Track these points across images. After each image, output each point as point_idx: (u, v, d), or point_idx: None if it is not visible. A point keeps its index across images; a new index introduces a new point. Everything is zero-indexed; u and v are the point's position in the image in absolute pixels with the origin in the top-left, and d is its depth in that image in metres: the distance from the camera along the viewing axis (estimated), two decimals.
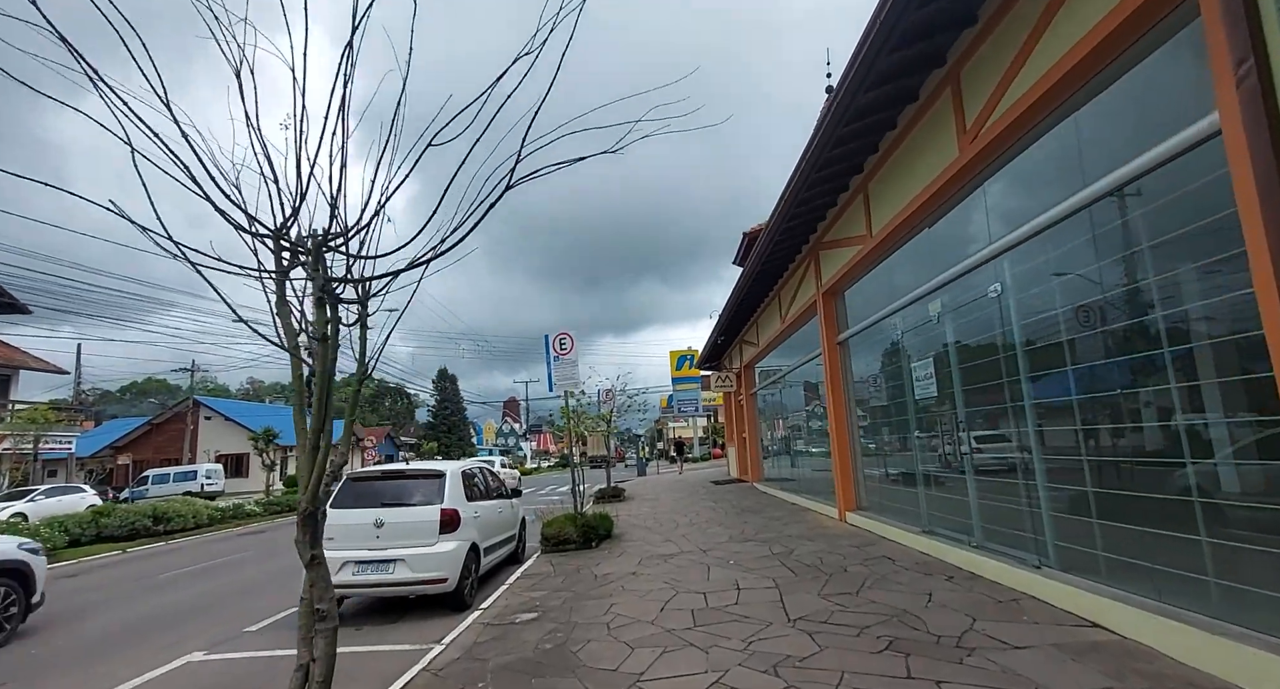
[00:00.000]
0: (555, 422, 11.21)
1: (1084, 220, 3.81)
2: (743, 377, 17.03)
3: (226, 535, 13.84)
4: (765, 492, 13.87)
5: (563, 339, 9.80)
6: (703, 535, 8.29)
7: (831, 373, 8.62)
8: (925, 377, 5.85)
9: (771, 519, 9.31)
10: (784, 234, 8.24)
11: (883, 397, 7.18)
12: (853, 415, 8.41)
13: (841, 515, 8.33)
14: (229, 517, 15.84)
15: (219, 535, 13.88)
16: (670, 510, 11.78)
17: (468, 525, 6.02)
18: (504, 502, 7.51)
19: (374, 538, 5.63)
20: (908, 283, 6.30)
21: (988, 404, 5.04)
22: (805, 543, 6.97)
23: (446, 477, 6.07)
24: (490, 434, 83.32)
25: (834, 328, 8.74)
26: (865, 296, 7.81)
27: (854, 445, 8.35)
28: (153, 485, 34.25)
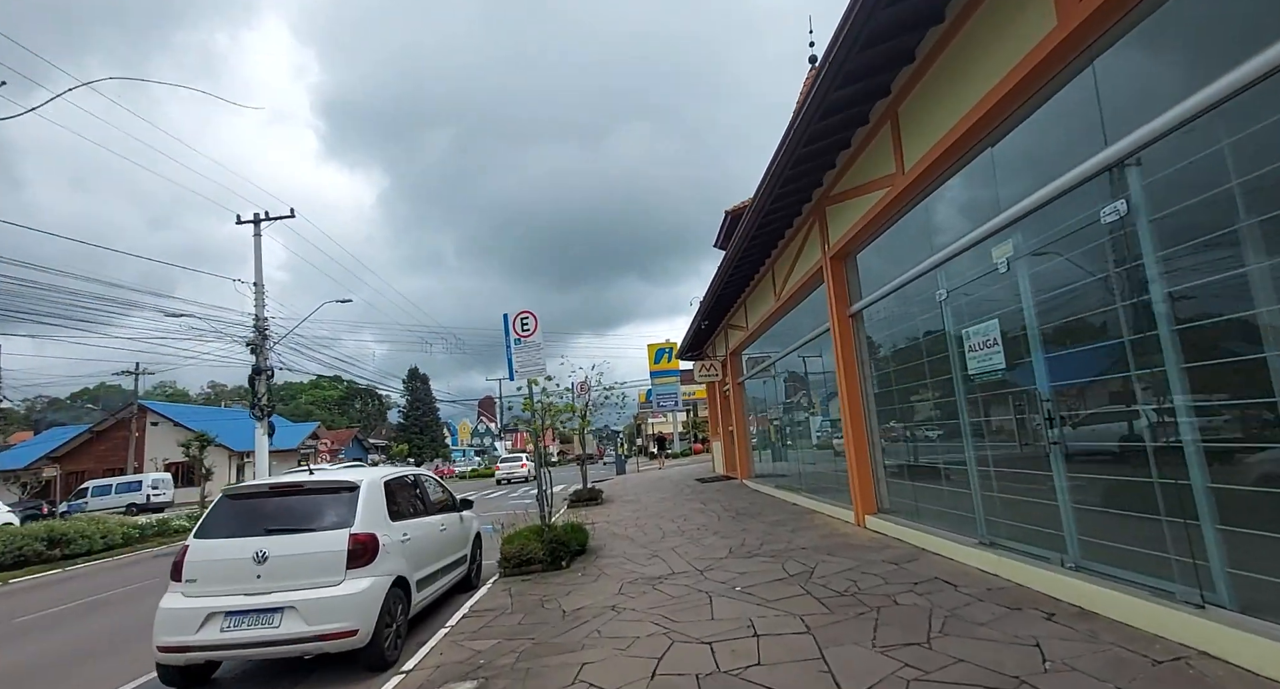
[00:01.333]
0: (521, 416, 9.85)
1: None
2: (729, 365, 15.72)
3: (139, 558, 11.96)
4: (758, 490, 12.58)
5: (524, 319, 8.28)
6: (696, 548, 6.90)
7: (843, 351, 7.29)
8: (984, 344, 4.52)
9: (774, 524, 7.97)
10: (788, 183, 6.85)
11: (915, 374, 5.87)
12: (870, 399, 7.10)
13: (859, 519, 7.02)
14: (152, 533, 13.90)
15: (131, 558, 11.99)
16: (655, 514, 10.37)
17: (391, 554, 4.51)
18: (448, 516, 5.99)
19: (253, 578, 4.07)
20: (955, 227, 4.97)
21: (1091, 373, 3.73)
22: (826, 558, 5.62)
23: (361, 490, 4.53)
24: (465, 434, 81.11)
25: (844, 297, 7.41)
26: (887, 256, 6.48)
27: (873, 435, 7.04)
28: (93, 498, 31.62)
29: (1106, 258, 3.44)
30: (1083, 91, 3.55)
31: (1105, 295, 3.48)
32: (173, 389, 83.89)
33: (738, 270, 10.59)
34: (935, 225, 5.34)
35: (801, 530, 7.27)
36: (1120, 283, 3.35)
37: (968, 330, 4.75)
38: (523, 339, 8.24)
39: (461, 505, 6.46)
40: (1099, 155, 3.37)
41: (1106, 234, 3.40)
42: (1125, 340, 3.32)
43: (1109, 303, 3.45)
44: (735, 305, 13.74)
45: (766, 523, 8.15)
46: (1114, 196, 3.33)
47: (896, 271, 6.10)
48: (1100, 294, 3.53)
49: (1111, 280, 3.42)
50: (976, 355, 4.64)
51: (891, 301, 6.34)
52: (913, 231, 5.84)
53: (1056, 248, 3.85)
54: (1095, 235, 3.49)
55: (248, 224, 20.19)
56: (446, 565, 5.67)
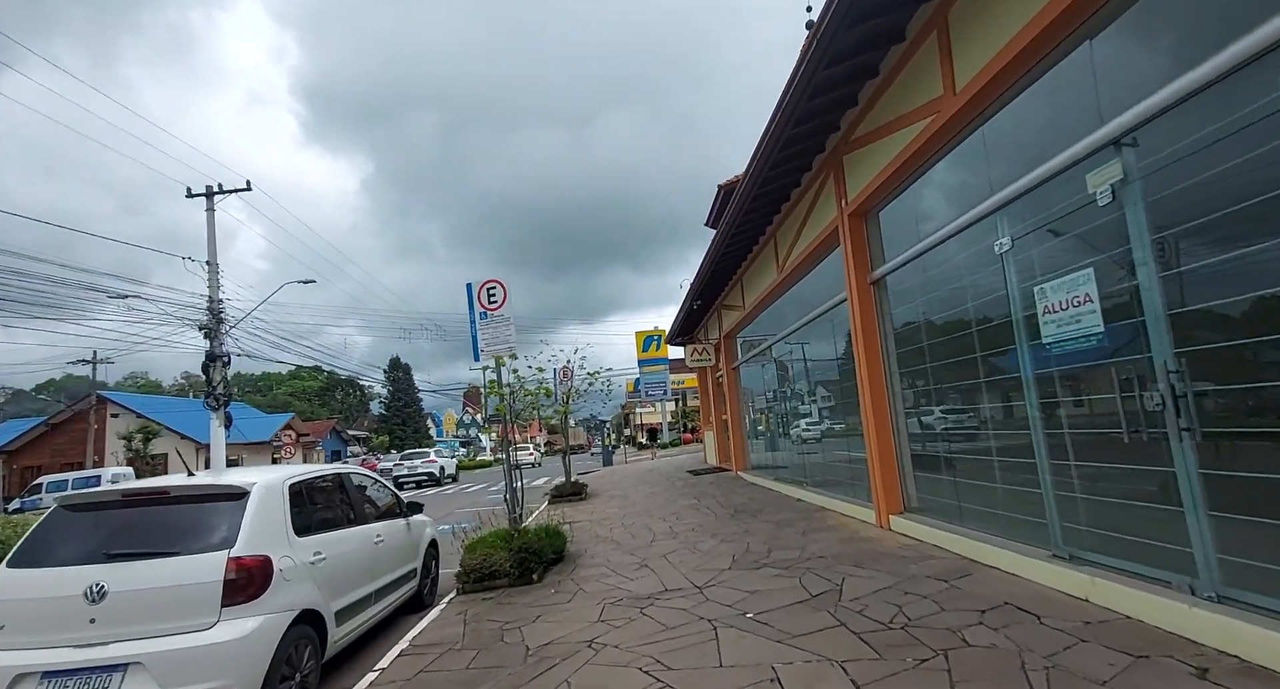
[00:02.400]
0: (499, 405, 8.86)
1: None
2: (723, 349, 14.68)
3: None
4: (756, 483, 11.60)
5: (491, 288, 7.11)
6: (692, 555, 5.86)
7: (862, 324, 6.25)
8: (1070, 302, 3.49)
9: (780, 524, 6.97)
10: (800, 124, 5.75)
11: (958, 348, 4.84)
12: (894, 379, 6.08)
13: (882, 520, 6.02)
14: None
15: None
16: (643, 512, 9.33)
17: (294, 582, 3.38)
18: (389, 525, 4.86)
19: (85, 623, 2.93)
20: (1028, 154, 3.90)
21: (1243, 334, 2.70)
22: (853, 571, 4.60)
23: (251, 497, 3.39)
24: (450, 425, 79.77)
25: (864, 263, 6.35)
26: (921, 208, 5.42)
27: (897, 422, 6.03)
28: (48, 494, 29.72)
29: (1272, 171, 2.40)
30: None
31: (1273, 223, 2.45)
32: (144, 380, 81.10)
33: (735, 240, 9.50)
34: (996, 157, 4.27)
35: (814, 533, 6.26)
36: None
37: (1043, 287, 3.71)
38: (489, 312, 7.09)
39: (409, 509, 5.33)
40: (1259, 32, 2.30)
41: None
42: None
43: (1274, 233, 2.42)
44: (731, 283, 12.67)
45: (771, 523, 7.14)
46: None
47: (934, 225, 5.05)
48: (1274, 219, 2.49)
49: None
50: (1057, 318, 3.60)
51: (925, 263, 5.29)
52: (960, 171, 4.78)
53: (1196, 162, 2.80)
54: (1260, 135, 2.44)
55: (205, 198, 18.63)
56: (385, 586, 4.55)
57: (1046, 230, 3.76)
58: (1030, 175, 3.78)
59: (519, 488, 6.48)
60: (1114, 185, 3.18)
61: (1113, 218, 3.23)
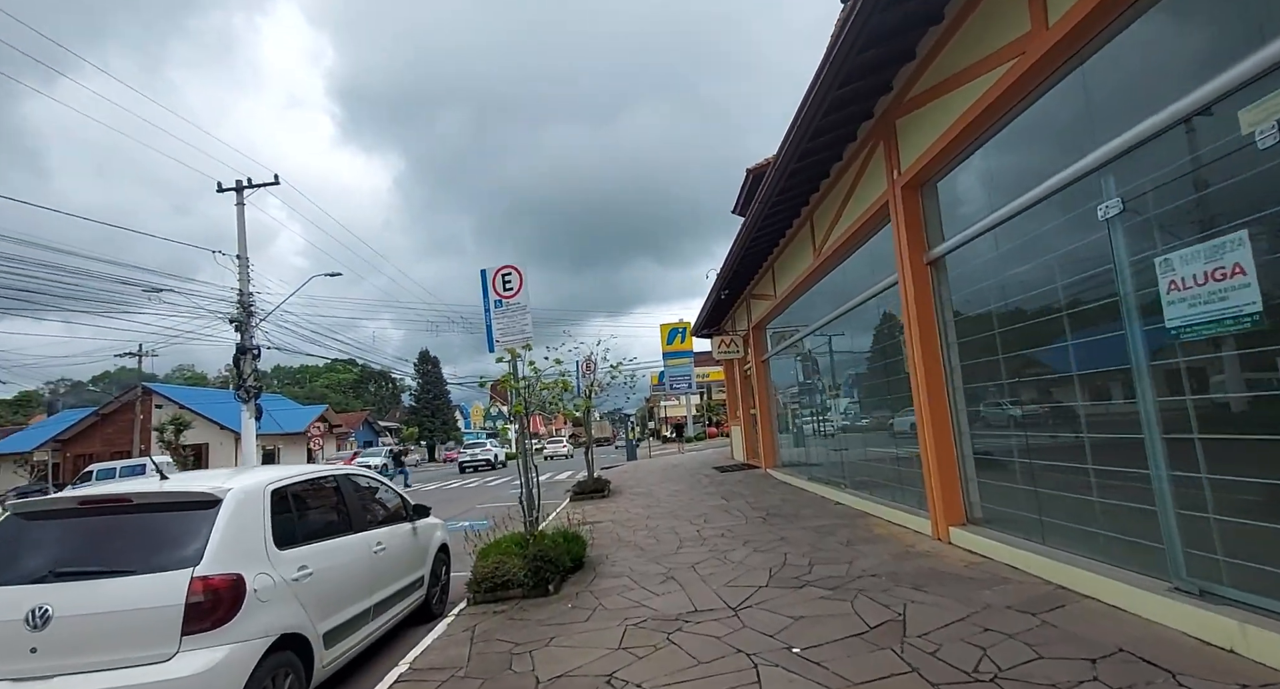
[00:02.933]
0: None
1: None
2: (752, 341, 13.98)
3: None
4: (787, 482, 10.95)
5: (507, 275, 6.63)
6: (723, 566, 5.29)
7: (918, 309, 5.54)
8: (1210, 275, 2.77)
9: (819, 531, 6.33)
10: (845, 84, 5.06)
11: (1038, 335, 4.13)
12: (954, 372, 5.38)
13: (940, 531, 5.35)
14: None
15: None
16: (669, 512, 8.80)
17: (273, 603, 2.95)
18: (393, 531, 4.43)
19: (25, 653, 2.54)
20: (1147, 97, 3.16)
21: None
22: (914, 596, 3.97)
23: (224, 506, 2.96)
24: (478, 417, 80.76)
25: (919, 240, 5.64)
26: (994, 171, 4.68)
27: (958, 420, 5.33)
28: (97, 481, 31.15)
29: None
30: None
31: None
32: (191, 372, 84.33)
33: (768, 223, 8.81)
34: (1102, 101, 3.53)
35: (860, 544, 5.62)
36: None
37: (1168, 258, 2.99)
38: (504, 300, 6.61)
39: (416, 512, 4.90)
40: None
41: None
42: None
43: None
44: (761, 271, 11.96)
45: (809, 530, 6.51)
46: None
47: (1010, 193, 4.32)
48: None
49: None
50: (1188, 296, 2.88)
51: (998, 238, 4.56)
52: (1047, 125, 4.04)
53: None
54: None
55: (235, 193, 18.73)
56: (386, 599, 4.12)
57: (1175, 187, 3.04)
58: (1153, 119, 3.05)
59: (535, 487, 6.00)
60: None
61: (1277, 164, 2.51)
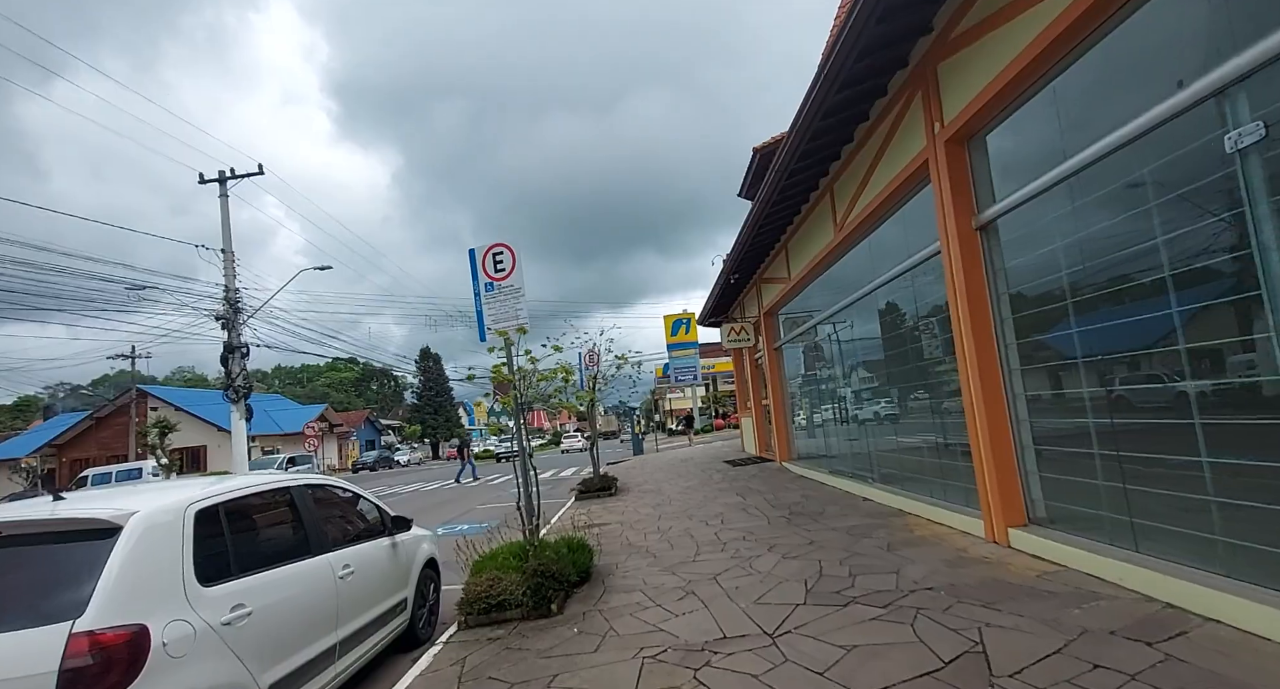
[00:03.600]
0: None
1: None
2: (763, 327, 13.29)
3: None
4: (805, 476, 10.30)
5: (498, 253, 5.95)
6: (750, 578, 4.64)
7: (966, 281, 4.85)
8: None
9: (853, 533, 5.68)
10: (887, 17, 4.34)
11: (1129, 299, 3.45)
12: (1009, 351, 4.70)
13: (997, 534, 4.68)
14: None
15: None
16: (681, 513, 8.16)
17: (197, 658, 2.29)
18: (365, 550, 3.78)
19: None
20: None
21: None
22: (987, 615, 3.31)
23: (123, 535, 2.29)
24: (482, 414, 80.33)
25: (967, 203, 4.94)
26: (1067, 112, 3.97)
27: (1014, 407, 4.65)
28: (93, 486, 30.76)
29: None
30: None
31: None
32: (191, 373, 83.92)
33: (783, 199, 8.09)
34: (1230, 2, 2.81)
35: (904, 548, 4.96)
36: None
37: None
38: (496, 282, 5.94)
39: (396, 525, 4.24)
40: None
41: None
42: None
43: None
44: (773, 253, 11.25)
45: (840, 531, 5.86)
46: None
47: (1089, 137, 3.61)
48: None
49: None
50: None
51: (1072, 191, 3.86)
52: (1149, 42, 3.32)
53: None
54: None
55: (222, 185, 18.00)
56: (357, 632, 3.47)
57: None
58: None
59: (535, 491, 5.35)
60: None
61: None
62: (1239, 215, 2.74)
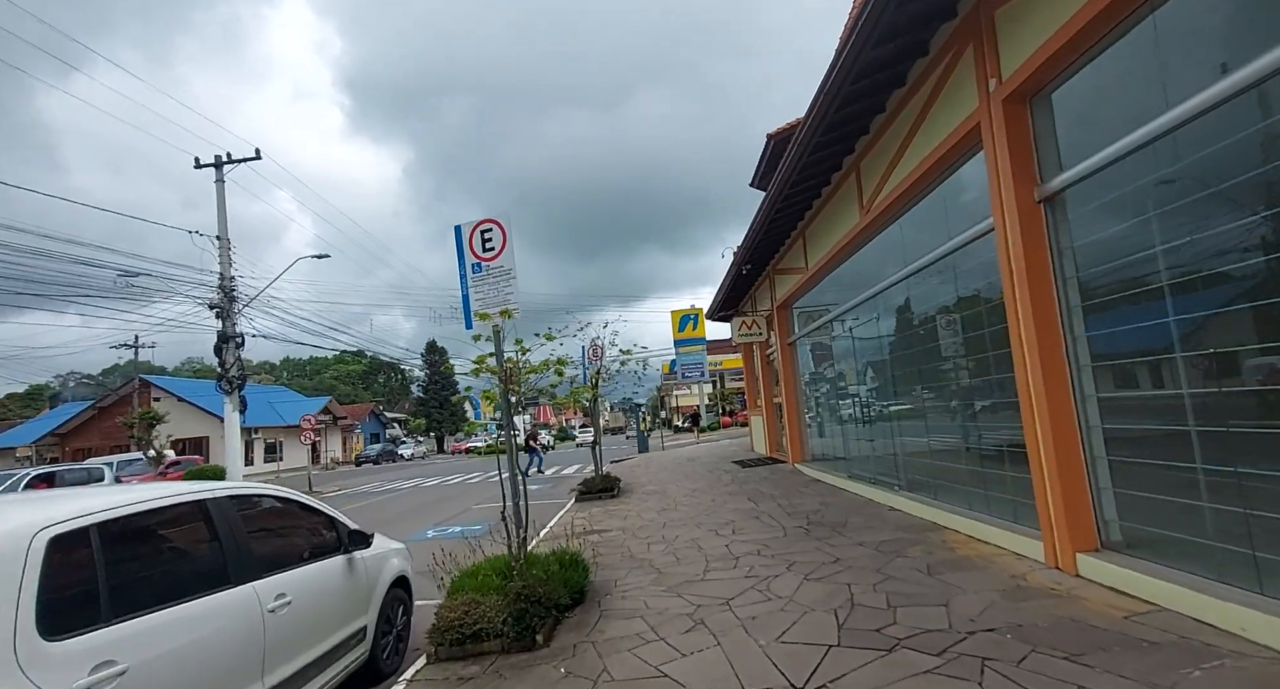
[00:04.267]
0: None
1: None
2: (777, 322, 12.58)
3: None
4: (820, 479, 9.62)
5: (487, 230, 5.31)
6: (770, 606, 3.97)
7: (1027, 262, 4.15)
8: None
9: (881, 550, 5.00)
10: None
11: (1265, 283, 2.75)
12: (1080, 344, 4.00)
13: (1060, 558, 3.99)
14: None
15: None
16: (688, 519, 7.51)
17: None
18: (306, 574, 3.14)
19: None
20: None
21: None
22: (1076, 675, 2.62)
23: None
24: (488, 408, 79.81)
25: (1027, 172, 4.22)
26: (1162, 60, 3.25)
27: (1083, 408, 3.95)
28: None
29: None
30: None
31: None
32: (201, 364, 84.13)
33: (803, 179, 7.39)
34: None
35: (945, 571, 4.28)
36: None
37: None
38: (484, 263, 5.29)
39: (353, 541, 3.60)
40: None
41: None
42: None
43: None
44: (789, 242, 10.53)
45: (868, 548, 5.19)
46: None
47: (1195, 84, 2.90)
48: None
49: None
50: None
51: (1175, 146, 3.15)
52: None
53: None
54: None
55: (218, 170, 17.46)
56: (294, 675, 2.84)
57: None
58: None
59: (524, 496, 4.71)
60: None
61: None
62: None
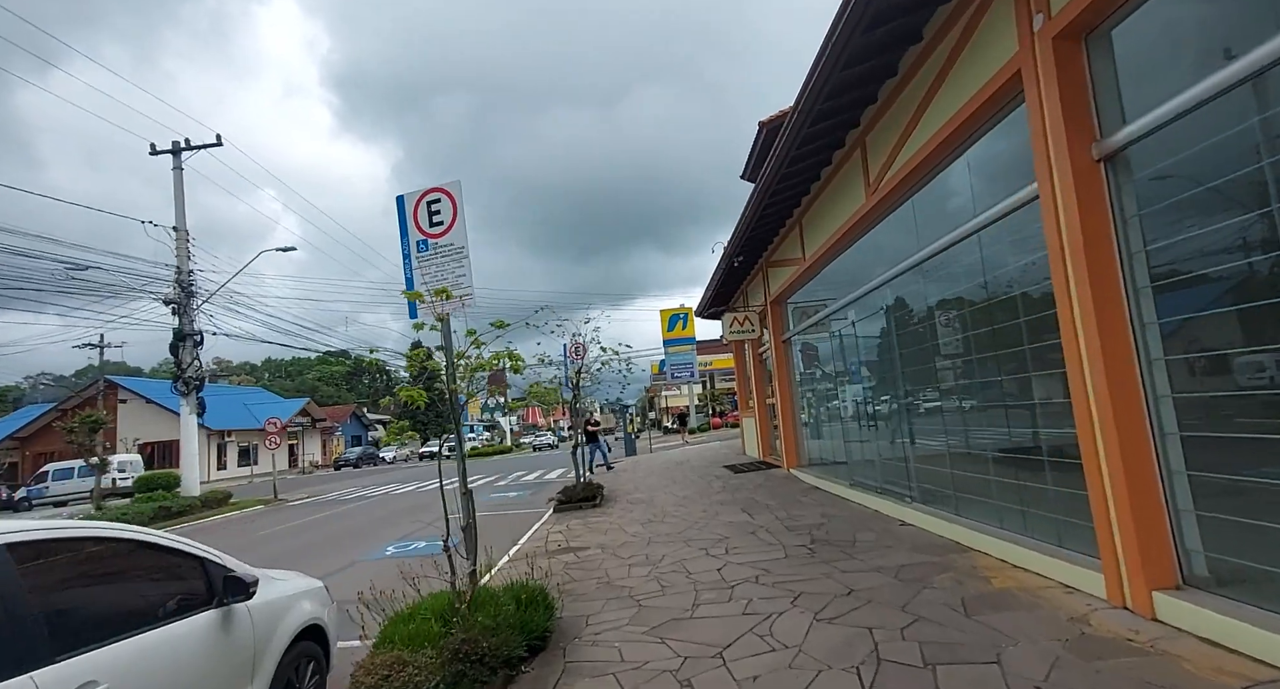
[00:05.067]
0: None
1: None
2: (770, 318, 11.85)
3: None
4: (819, 487, 8.88)
5: (434, 202, 4.49)
6: (776, 656, 3.20)
7: (1085, 233, 3.41)
8: None
9: (902, 578, 4.25)
10: None
11: None
12: (1147, 329, 3.27)
13: (1130, 596, 3.25)
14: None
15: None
16: (675, 535, 6.72)
17: None
18: (144, 646, 2.28)
19: None
20: None
21: None
22: None
23: None
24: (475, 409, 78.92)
25: (1085, 122, 3.48)
26: None
27: (1157, 412, 3.22)
28: (54, 482, 29.22)
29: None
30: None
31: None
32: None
33: (802, 157, 6.63)
34: None
35: (985, 609, 3.52)
36: None
37: None
38: (431, 240, 4.47)
39: (229, 590, 2.75)
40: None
41: None
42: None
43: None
44: (783, 232, 9.80)
45: (885, 574, 4.43)
46: None
47: None
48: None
49: None
50: None
51: (1265, 94, 2.43)
52: None
53: None
54: None
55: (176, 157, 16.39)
56: None
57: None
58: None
59: (472, 516, 3.89)
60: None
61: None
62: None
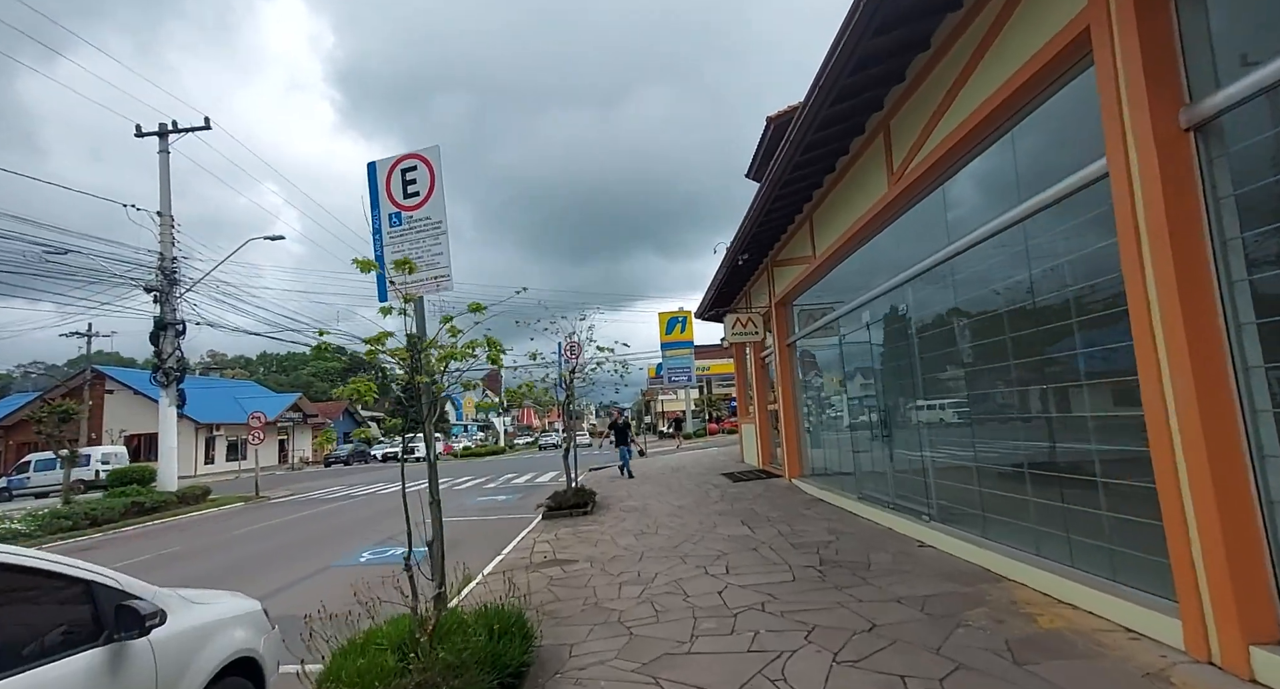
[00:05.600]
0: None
1: None
2: (774, 320, 11.33)
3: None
4: (824, 499, 8.35)
5: (409, 170, 3.96)
6: None
7: (1169, 214, 2.89)
8: None
9: (930, 613, 3.71)
10: None
11: None
12: (1242, 329, 2.75)
13: (1215, 648, 2.72)
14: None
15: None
16: (671, 549, 6.18)
17: None
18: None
19: None
20: None
21: None
22: None
23: None
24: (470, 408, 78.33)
25: (1170, 86, 2.97)
26: None
27: (1254, 426, 2.70)
28: (35, 473, 28.58)
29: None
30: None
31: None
32: None
33: (816, 145, 6.12)
34: None
35: (1037, 657, 2.99)
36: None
37: None
38: (405, 213, 3.94)
39: (121, 622, 2.19)
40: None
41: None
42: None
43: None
44: (791, 229, 9.30)
45: (910, 607, 3.89)
46: None
47: None
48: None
49: None
50: None
51: None
52: None
53: None
54: None
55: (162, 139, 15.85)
56: None
57: None
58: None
59: (439, 535, 3.35)
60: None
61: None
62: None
